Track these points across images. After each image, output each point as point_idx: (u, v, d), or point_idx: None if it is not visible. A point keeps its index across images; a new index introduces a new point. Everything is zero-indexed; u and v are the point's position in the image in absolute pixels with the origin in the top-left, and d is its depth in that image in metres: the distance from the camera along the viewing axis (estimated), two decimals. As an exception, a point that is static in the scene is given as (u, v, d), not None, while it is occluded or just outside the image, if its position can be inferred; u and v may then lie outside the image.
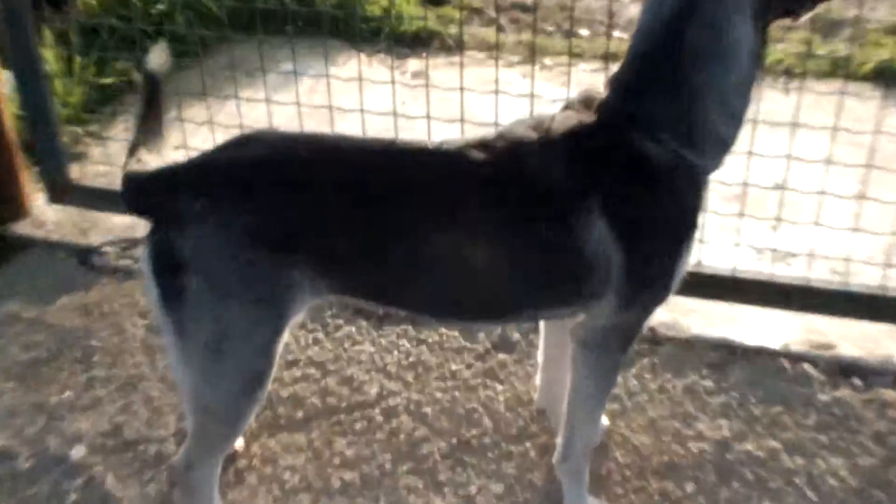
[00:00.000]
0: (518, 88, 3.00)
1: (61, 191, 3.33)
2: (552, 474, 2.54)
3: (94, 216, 3.34)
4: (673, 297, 2.41)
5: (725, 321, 3.00)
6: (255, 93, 3.39)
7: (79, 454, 2.63)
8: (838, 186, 3.07)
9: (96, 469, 2.59)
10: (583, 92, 2.18)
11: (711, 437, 2.73)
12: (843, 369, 2.89)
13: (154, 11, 4.15)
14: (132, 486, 2.56)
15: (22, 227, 3.31)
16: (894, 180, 3.03)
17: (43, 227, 3.32)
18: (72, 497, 2.54)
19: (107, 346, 2.93)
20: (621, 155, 2.08)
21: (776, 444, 2.72)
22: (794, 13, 2.10)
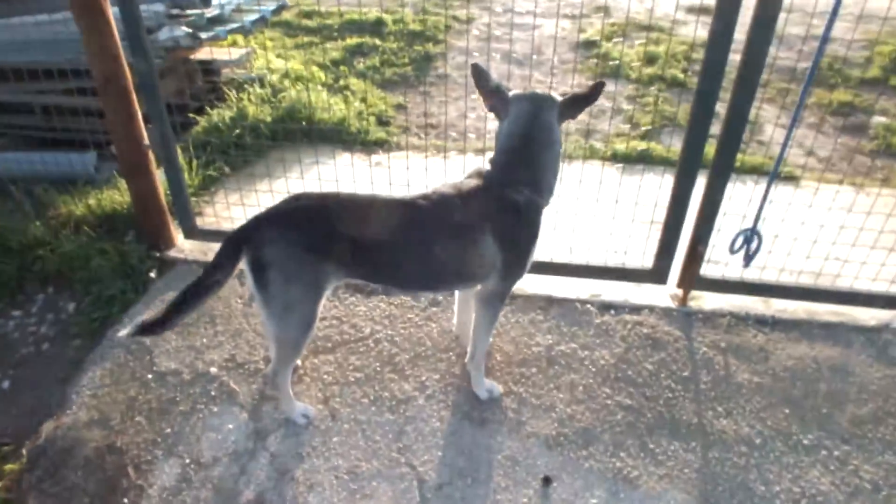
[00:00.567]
0: (433, 168, 3.13)
1: (191, 232, 3.43)
2: (464, 368, 2.70)
3: (209, 245, 3.40)
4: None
5: (547, 284, 3.15)
6: (293, 174, 3.52)
7: (214, 370, 2.75)
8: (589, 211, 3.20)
9: (224, 378, 2.73)
10: (475, 169, 2.36)
11: (543, 344, 2.89)
12: (606, 306, 3.05)
13: (234, 133, 4.17)
14: (244, 385, 2.70)
15: (172, 252, 3.38)
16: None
17: (183, 252, 3.39)
18: (212, 393, 2.66)
19: (222, 314, 3.00)
20: (501, 202, 2.21)
21: (574, 345, 2.89)
22: (572, 117, 2.26)
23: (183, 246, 3.41)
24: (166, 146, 3.11)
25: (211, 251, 3.27)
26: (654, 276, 3.05)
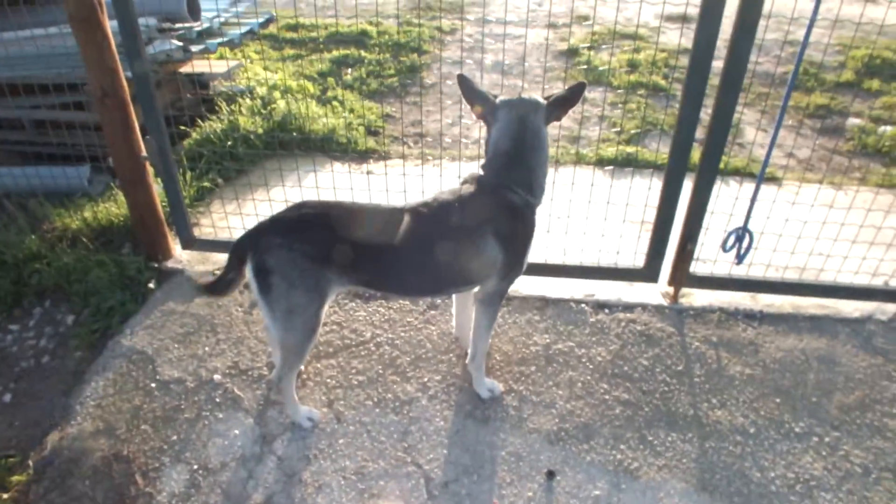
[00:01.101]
0: (423, 176, 3.19)
1: (188, 242, 3.45)
2: (465, 368, 2.75)
3: (206, 255, 3.45)
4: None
5: (542, 286, 3.22)
6: (287, 183, 3.55)
7: (218, 377, 2.79)
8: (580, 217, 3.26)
9: (228, 385, 2.76)
10: (469, 174, 2.39)
11: (540, 343, 2.95)
12: (600, 305, 3.13)
13: (227, 144, 4.21)
14: (248, 392, 2.74)
15: (170, 263, 3.41)
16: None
17: (181, 263, 3.42)
18: (217, 400, 2.70)
19: (223, 322, 3.04)
20: (498, 203, 2.27)
21: (571, 344, 2.95)
22: (557, 119, 2.31)
23: (181, 256, 3.43)
24: (164, 157, 3.14)
25: (209, 261, 3.39)
26: (646, 275, 3.14)
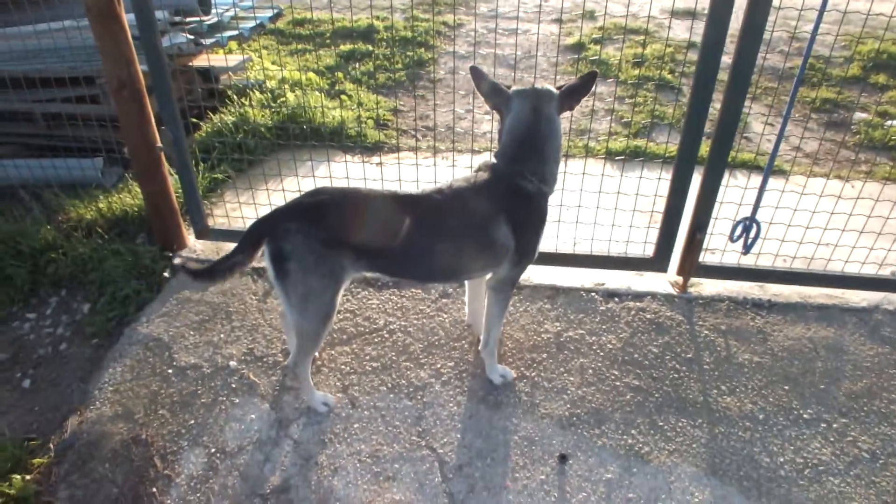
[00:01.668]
0: (433, 168, 3.22)
1: (202, 232, 3.50)
2: (477, 355, 2.79)
3: (220, 245, 3.50)
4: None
5: (553, 275, 3.25)
6: (299, 174, 3.59)
7: (233, 364, 2.82)
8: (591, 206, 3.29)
9: (244, 371, 2.79)
10: (482, 162, 2.42)
11: (552, 331, 2.98)
12: (610, 294, 3.16)
13: (237, 137, 4.25)
14: (264, 378, 2.77)
15: (184, 253, 3.44)
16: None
17: (195, 253, 3.46)
18: (233, 385, 2.73)
19: (238, 310, 3.08)
20: (512, 190, 2.30)
21: (582, 331, 2.99)
22: (570, 108, 2.33)
23: (195, 246, 3.47)
24: (179, 148, 3.18)
25: (222, 250, 3.39)
26: (656, 264, 3.18)
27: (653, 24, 7.22)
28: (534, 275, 3.20)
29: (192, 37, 4.22)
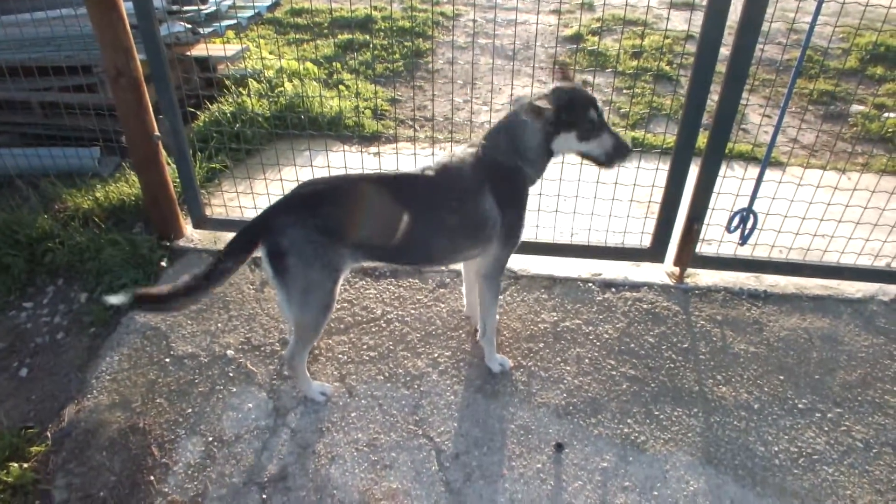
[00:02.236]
0: (421, 155, 3.21)
1: (200, 222, 3.49)
2: (475, 344, 2.80)
3: (218, 234, 3.48)
4: (522, 256, 2.71)
5: (550, 265, 3.25)
6: (297, 163, 3.52)
7: (231, 353, 2.82)
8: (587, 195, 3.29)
9: (241, 360, 2.79)
10: (471, 142, 2.45)
11: (549, 321, 2.99)
12: (607, 284, 3.16)
13: (234, 127, 4.21)
14: (261, 366, 2.77)
15: (181, 242, 3.44)
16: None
17: (192, 242, 3.45)
18: (230, 374, 2.72)
19: (235, 300, 3.06)
20: (496, 167, 2.34)
21: (578, 321, 2.99)
22: (538, 115, 2.24)
23: (192, 235, 3.46)
24: (177, 138, 3.16)
25: (220, 240, 3.41)
26: (652, 255, 3.18)
27: (651, 16, 7.18)
28: (531, 265, 3.20)
29: (190, 26, 4.18)
